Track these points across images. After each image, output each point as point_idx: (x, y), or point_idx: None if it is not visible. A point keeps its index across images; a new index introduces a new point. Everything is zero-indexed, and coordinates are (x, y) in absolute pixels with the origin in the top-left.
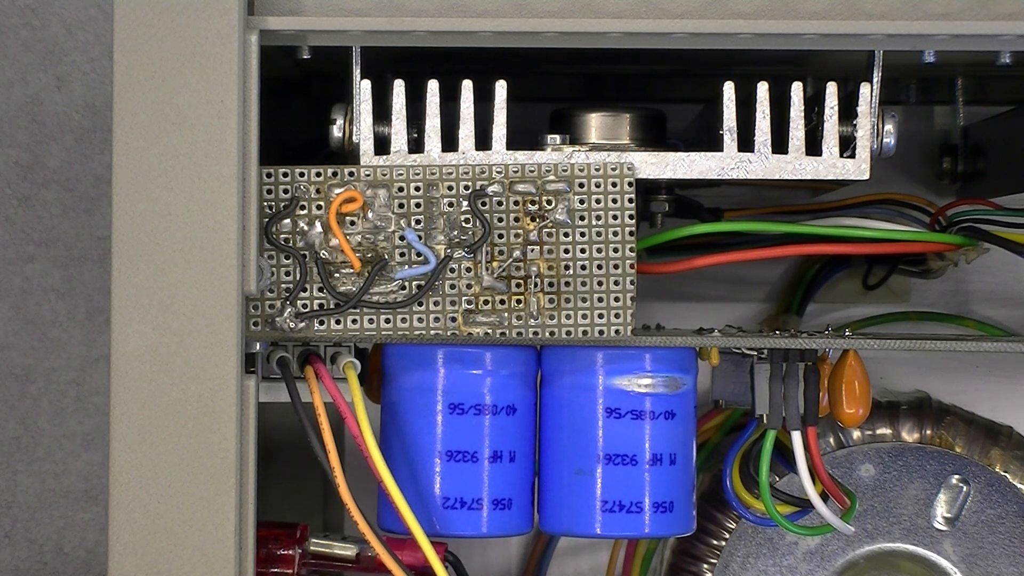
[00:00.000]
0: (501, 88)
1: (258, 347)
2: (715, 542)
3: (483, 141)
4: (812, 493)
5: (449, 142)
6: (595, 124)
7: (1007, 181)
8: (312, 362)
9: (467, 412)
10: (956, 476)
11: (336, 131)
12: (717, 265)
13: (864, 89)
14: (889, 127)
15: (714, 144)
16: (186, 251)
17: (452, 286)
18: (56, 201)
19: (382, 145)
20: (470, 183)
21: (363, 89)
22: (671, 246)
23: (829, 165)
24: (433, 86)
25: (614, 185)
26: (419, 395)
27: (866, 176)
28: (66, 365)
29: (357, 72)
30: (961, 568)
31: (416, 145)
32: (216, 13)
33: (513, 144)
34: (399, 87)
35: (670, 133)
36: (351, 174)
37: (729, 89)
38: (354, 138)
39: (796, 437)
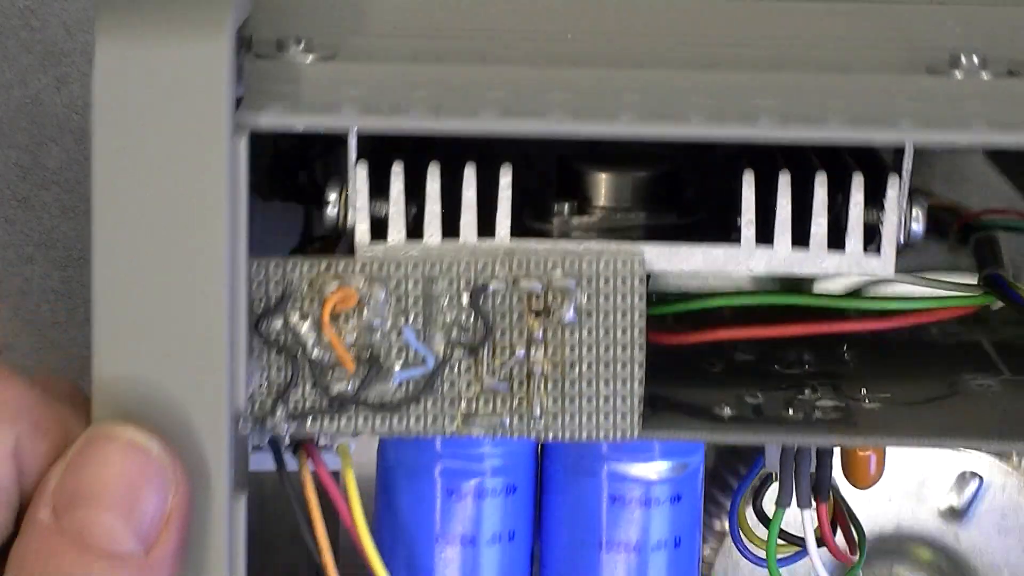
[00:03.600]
0: (506, 172)
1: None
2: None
3: (487, 224)
4: (820, 570)
5: (451, 225)
6: (606, 187)
7: None
8: (303, 445)
9: (465, 496)
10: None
11: (331, 210)
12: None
13: (892, 181)
14: (918, 211)
15: (729, 227)
16: (172, 365)
17: (451, 385)
18: (56, 202)
19: (379, 227)
20: (472, 278)
21: (359, 174)
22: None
23: (853, 261)
24: (434, 171)
25: (624, 282)
26: (416, 478)
27: (890, 273)
28: (66, 366)
29: (353, 156)
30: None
31: (416, 225)
32: (202, 114)
33: (517, 205)
34: (398, 170)
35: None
36: (346, 267)
37: (749, 180)
38: (349, 222)
39: (806, 516)
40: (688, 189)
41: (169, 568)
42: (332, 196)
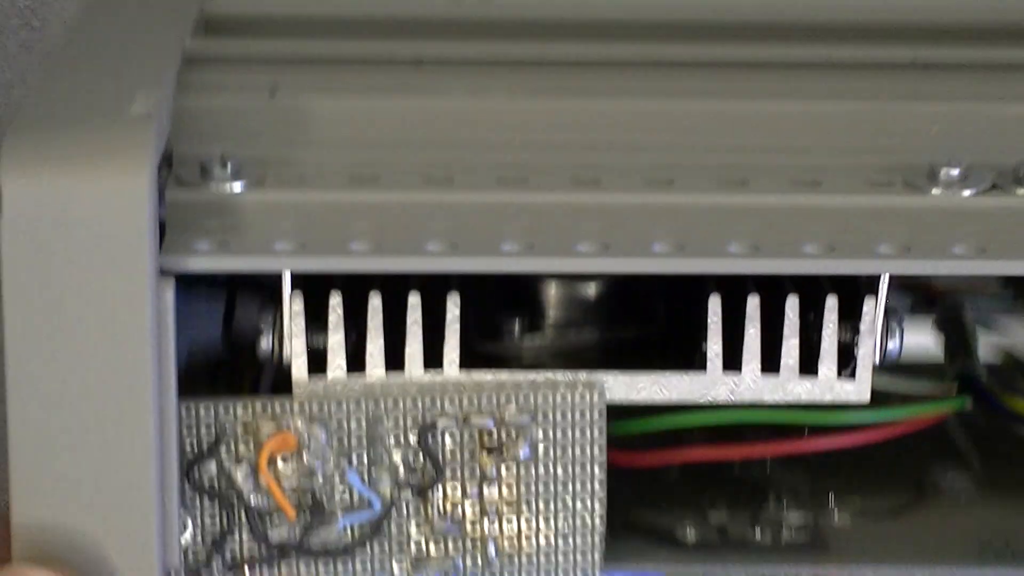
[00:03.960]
0: (453, 304)
1: None
2: None
3: (433, 353)
4: None
5: (395, 355)
6: (557, 303)
7: None
8: None
9: None
10: None
11: (264, 344)
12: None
13: (868, 305)
14: (894, 328)
15: (690, 339)
16: (98, 514)
17: (400, 528)
18: None
19: (317, 358)
20: (419, 415)
21: (295, 306)
22: None
23: (826, 388)
24: (376, 304)
25: (582, 415)
26: None
27: (865, 399)
28: None
29: (288, 291)
30: None
31: (356, 354)
32: (124, 258)
33: (464, 324)
34: (336, 303)
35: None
36: (283, 407)
37: (715, 305)
38: (285, 357)
39: None
40: (644, 300)
41: None
42: (265, 328)
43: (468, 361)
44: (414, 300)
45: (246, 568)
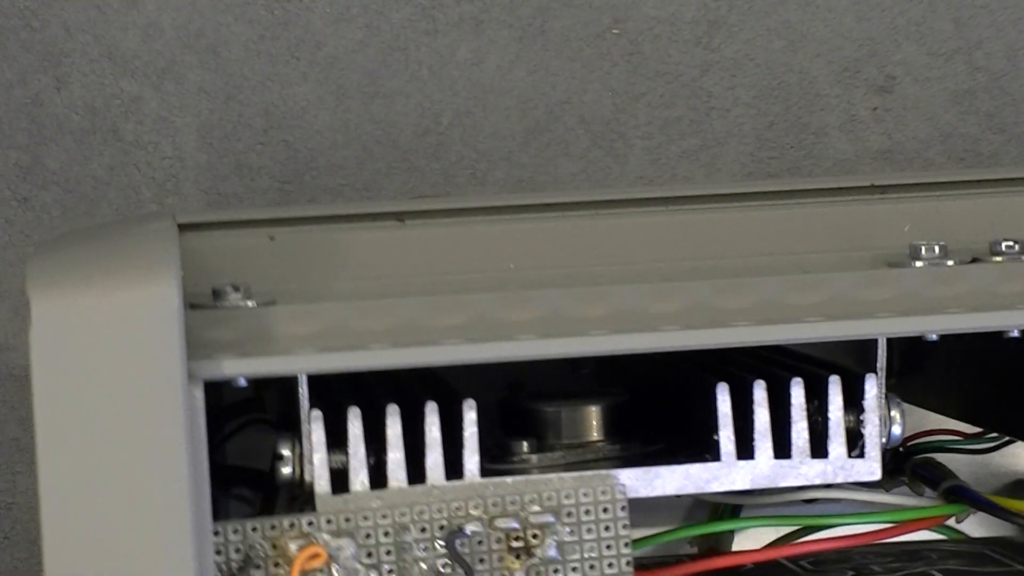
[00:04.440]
0: (470, 409)
1: None
2: None
3: (452, 466)
4: None
5: (416, 468)
6: (560, 422)
7: (939, 400)
8: None
9: None
10: None
11: (284, 468)
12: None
13: (870, 382)
14: (895, 414)
15: (696, 445)
16: None
17: None
18: (56, 203)
19: (340, 478)
20: (445, 521)
21: (315, 425)
22: None
23: (837, 467)
24: (393, 412)
25: (606, 511)
26: None
27: (877, 476)
28: None
29: (306, 403)
30: None
31: (377, 471)
32: (154, 365)
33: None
34: (355, 416)
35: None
36: (310, 524)
37: (724, 394)
38: (307, 476)
39: None
40: (646, 417)
41: None
42: (285, 452)
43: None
44: (431, 411)
45: None
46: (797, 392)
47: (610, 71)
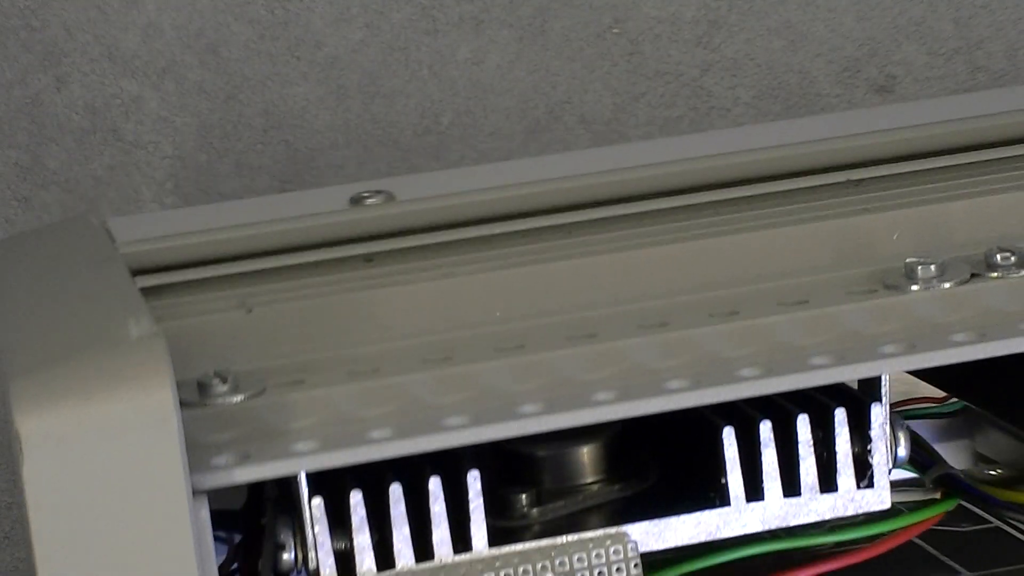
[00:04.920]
0: (474, 480)
1: None
2: None
3: (460, 537)
4: None
5: (422, 546)
6: (553, 467)
7: None
8: None
9: None
10: None
11: (287, 557)
12: None
13: (876, 412)
14: (900, 435)
15: (705, 482)
16: None
17: None
18: (56, 202)
19: (343, 560)
20: None
21: (315, 509)
22: None
23: (847, 500)
24: (396, 492)
25: (619, 571)
26: None
27: (887, 506)
28: None
29: (306, 495)
30: None
31: (382, 550)
32: (157, 481)
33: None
34: (357, 500)
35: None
36: None
37: (730, 437)
38: (310, 565)
39: None
40: (638, 451)
41: None
42: (286, 539)
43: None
44: (435, 485)
45: None
46: (804, 428)
47: (610, 71)
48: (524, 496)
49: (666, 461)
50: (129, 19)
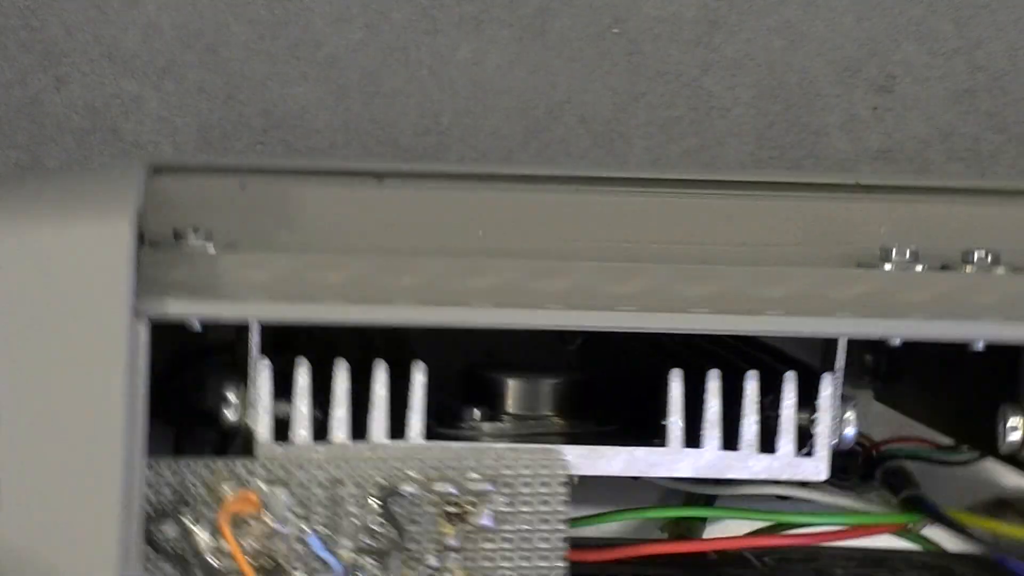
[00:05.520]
0: (419, 372)
1: None
2: None
3: (399, 426)
4: None
5: (361, 427)
6: (517, 394)
7: (919, 408)
8: None
9: None
10: None
11: (230, 413)
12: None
13: (826, 381)
14: (850, 415)
15: (654, 430)
16: (58, 558)
17: None
18: None
19: (282, 428)
20: (382, 479)
21: (262, 374)
22: None
23: (785, 464)
24: (341, 370)
25: (545, 485)
26: None
27: (824, 477)
28: None
29: (255, 350)
30: None
31: (322, 427)
32: (101, 300)
33: (429, 420)
34: (303, 368)
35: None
36: (246, 468)
37: (677, 377)
38: (250, 422)
39: None
40: (603, 398)
41: None
42: (231, 396)
43: (430, 439)
44: (380, 369)
45: None
46: (751, 385)
47: (610, 71)
48: (477, 411)
49: (628, 408)
50: (129, 19)
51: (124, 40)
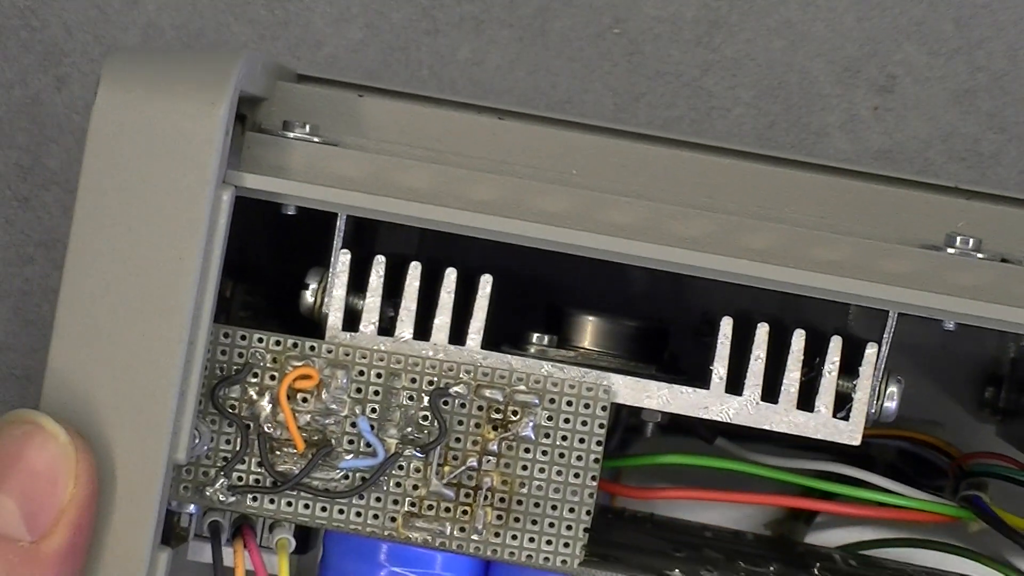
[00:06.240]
0: (486, 283)
1: (192, 508)
2: None
3: (460, 335)
4: None
5: (425, 330)
6: (590, 329)
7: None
8: (244, 533)
9: None
10: None
11: (308, 296)
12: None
13: (870, 350)
14: (893, 389)
15: (703, 376)
16: (118, 410)
17: (397, 484)
18: (56, 203)
19: (352, 320)
20: (436, 378)
21: (341, 260)
22: None
23: (820, 423)
24: (415, 269)
25: (587, 407)
26: None
27: (857, 442)
28: None
29: (339, 241)
30: None
31: (389, 325)
32: (190, 162)
33: (502, 341)
34: (379, 264)
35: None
36: (312, 348)
37: (727, 326)
38: (324, 309)
39: None
40: (671, 351)
41: (57, 567)
42: (312, 283)
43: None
44: (450, 276)
45: (248, 496)
46: (798, 341)
47: (611, 71)
48: (543, 337)
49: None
50: (129, 19)
51: (124, 40)
